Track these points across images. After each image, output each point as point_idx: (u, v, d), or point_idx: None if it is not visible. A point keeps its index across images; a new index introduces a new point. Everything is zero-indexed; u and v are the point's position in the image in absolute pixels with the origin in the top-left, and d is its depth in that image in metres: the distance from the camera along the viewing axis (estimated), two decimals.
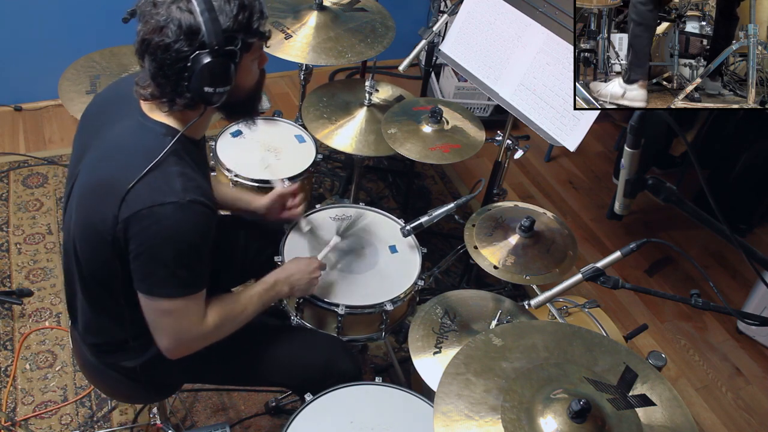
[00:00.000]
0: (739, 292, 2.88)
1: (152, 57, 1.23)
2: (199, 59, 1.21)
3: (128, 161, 1.28)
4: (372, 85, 2.32)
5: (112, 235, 1.26)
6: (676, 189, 1.16)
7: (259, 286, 1.55)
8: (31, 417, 2.10)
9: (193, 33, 1.20)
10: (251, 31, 1.27)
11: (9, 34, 3.01)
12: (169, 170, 1.27)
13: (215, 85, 1.25)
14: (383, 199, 3.10)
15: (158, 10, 1.21)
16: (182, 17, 1.19)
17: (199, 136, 1.44)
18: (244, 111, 1.45)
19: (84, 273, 1.40)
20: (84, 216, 1.33)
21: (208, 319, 1.39)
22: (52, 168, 2.98)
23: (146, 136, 1.32)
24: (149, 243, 1.25)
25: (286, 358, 1.64)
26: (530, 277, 1.78)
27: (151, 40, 1.22)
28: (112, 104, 1.42)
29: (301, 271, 1.63)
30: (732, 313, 1.27)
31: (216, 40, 1.20)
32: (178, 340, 1.37)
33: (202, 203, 1.28)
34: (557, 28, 1.88)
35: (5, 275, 2.51)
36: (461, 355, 1.24)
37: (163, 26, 1.20)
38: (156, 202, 1.23)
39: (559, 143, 1.87)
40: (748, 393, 2.53)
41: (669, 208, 1.24)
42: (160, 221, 1.23)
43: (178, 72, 1.23)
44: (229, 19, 1.22)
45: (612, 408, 1.16)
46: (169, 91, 1.27)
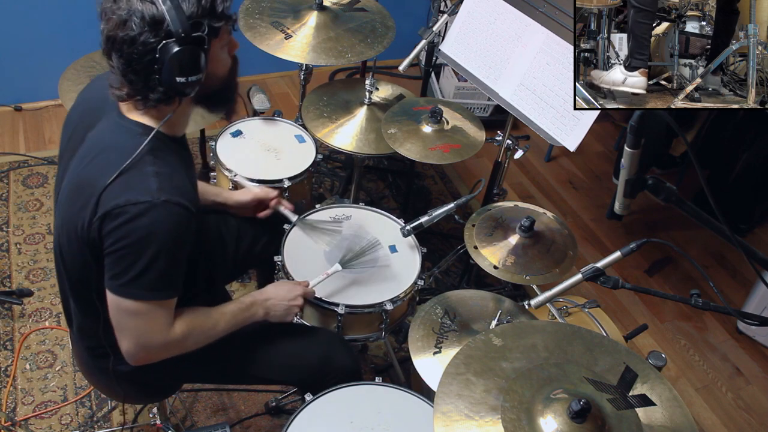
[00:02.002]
0: (739, 292, 2.88)
1: (119, 53, 1.22)
2: (167, 49, 1.19)
3: (105, 162, 1.26)
4: (372, 84, 2.32)
5: (88, 235, 1.25)
6: (676, 189, 1.16)
7: (234, 305, 1.51)
8: (31, 417, 2.10)
9: (157, 23, 1.18)
10: (216, 14, 1.25)
11: (9, 34, 3.01)
12: (144, 170, 1.25)
13: (186, 74, 1.22)
14: (383, 199, 3.10)
15: (119, 4, 1.19)
16: (144, 8, 1.18)
17: (180, 132, 1.41)
18: (221, 101, 1.42)
19: (71, 276, 1.39)
20: (66, 218, 1.32)
21: (175, 328, 1.35)
22: (52, 168, 2.98)
23: (123, 135, 1.30)
24: (121, 242, 1.23)
25: (284, 354, 1.64)
26: (530, 277, 1.78)
27: (115, 36, 1.20)
28: (93, 106, 1.41)
29: (280, 297, 1.59)
30: (732, 313, 1.27)
31: (182, 28, 1.18)
32: (140, 345, 1.33)
33: (178, 204, 1.25)
34: (557, 28, 1.88)
35: (5, 275, 2.51)
36: (461, 355, 1.24)
37: (126, 20, 1.18)
38: (129, 201, 1.21)
39: (559, 143, 1.87)
40: (748, 393, 2.53)
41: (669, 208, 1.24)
42: (132, 220, 1.21)
43: (147, 65, 1.21)
44: (192, 5, 1.20)
45: (612, 408, 1.16)
46: (141, 87, 1.25)
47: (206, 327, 1.43)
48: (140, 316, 1.30)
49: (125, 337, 1.33)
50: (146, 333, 1.33)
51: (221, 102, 1.42)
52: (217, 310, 1.47)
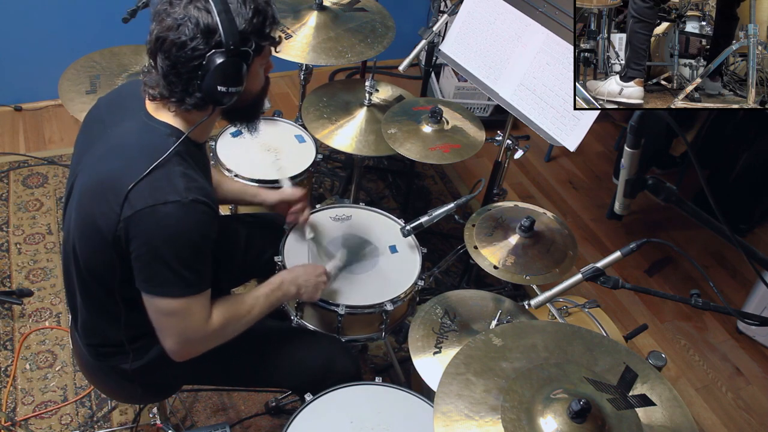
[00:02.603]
0: (739, 292, 2.88)
1: (166, 54, 1.24)
2: (214, 58, 1.23)
3: (131, 160, 1.28)
4: (372, 85, 2.32)
5: (113, 234, 1.26)
6: (676, 189, 1.16)
7: (266, 287, 1.54)
8: (31, 417, 2.10)
9: (210, 32, 1.21)
10: (264, 35, 1.29)
11: (9, 34, 3.01)
12: (172, 170, 1.27)
13: (228, 84, 1.26)
14: (383, 199, 3.10)
15: (175, 8, 1.22)
16: (200, 16, 1.21)
17: (203, 139, 1.44)
18: (248, 116, 1.46)
19: (83, 273, 1.39)
20: (84, 215, 1.33)
21: (213, 320, 1.38)
22: (52, 168, 2.98)
23: (150, 135, 1.32)
24: (151, 242, 1.25)
25: (286, 358, 1.64)
26: (530, 277, 1.78)
27: (166, 38, 1.22)
28: (116, 106, 1.42)
29: (309, 273, 1.63)
30: (732, 313, 1.27)
31: (232, 40, 1.22)
32: (183, 341, 1.37)
33: (205, 203, 1.28)
34: (557, 28, 1.88)
35: (5, 275, 2.51)
36: (461, 355, 1.24)
37: (180, 24, 1.21)
38: (158, 201, 1.23)
39: (559, 143, 1.87)
40: (748, 393, 2.53)
41: (669, 208, 1.24)
42: (162, 220, 1.23)
43: (191, 70, 1.24)
44: (244, 21, 1.24)
45: (612, 408, 1.16)
46: (180, 90, 1.28)
47: (242, 313, 1.46)
48: (180, 314, 1.33)
49: (167, 335, 1.35)
50: (187, 329, 1.35)
51: (246, 117, 1.46)
52: (250, 295, 1.50)
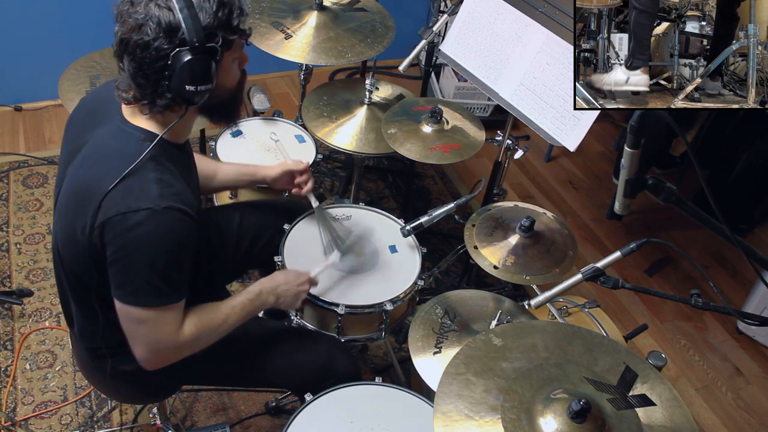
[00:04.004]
0: (739, 292, 2.88)
1: (131, 56, 1.22)
2: (180, 56, 1.20)
3: (106, 167, 1.26)
4: (372, 84, 2.32)
5: (89, 241, 1.25)
6: (676, 189, 1.16)
7: (243, 296, 1.51)
8: (31, 417, 2.10)
9: (173, 30, 1.19)
10: (231, 28, 1.25)
11: (9, 34, 3.01)
12: (146, 176, 1.25)
13: (196, 83, 1.23)
14: (383, 199, 3.10)
15: (136, 8, 1.19)
16: (161, 14, 1.18)
17: (182, 140, 1.41)
18: (225, 113, 1.42)
19: (70, 278, 1.39)
20: (65, 222, 1.32)
21: (185, 330, 1.35)
22: (52, 168, 2.98)
23: (125, 141, 1.30)
24: (124, 250, 1.23)
25: (286, 359, 1.64)
26: (530, 277, 1.78)
27: (129, 39, 1.20)
28: (96, 109, 1.40)
29: (289, 282, 1.59)
30: (732, 313, 1.27)
31: (196, 37, 1.19)
32: (153, 350, 1.34)
33: (180, 210, 1.25)
34: (557, 28, 1.88)
35: (5, 275, 2.51)
36: (461, 355, 1.24)
37: (142, 24, 1.19)
38: (130, 208, 1.21)
39: (559, 143, 1.87)
40: (748, 393, 2.53)
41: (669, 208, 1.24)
42: (135, 228, 1.21)
43: (158, 71, 1.22)
44: (208, 16, 1.21)
45: (612, 408, 1.16)
46: (150, 91, 1.25)
47: (216, 323, 1.43)
48: (149, 323, 1.30)
49: (137, 344, 1.34)
50: (157, 338, 1.33)
51: (225, 113, 1.43)
52: (226, 305, 1.47)
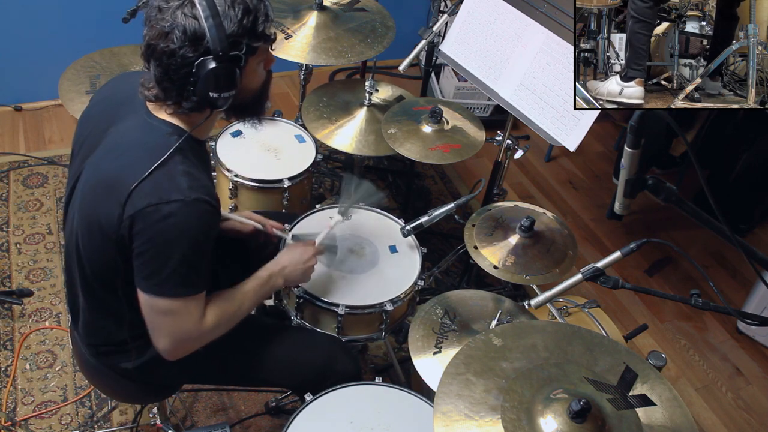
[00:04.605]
0: (739, 292, 2.88)
1: (158, 62, 1.24)
2: (204, 65, 1.22)
3: (134, 159, 1.28)
4: (372, 85, 2.32)
5: (117, 233, 1.26)
6: (676, 189, 1.16)
7: (254, 282, 1.53)
8: (31, 417, 2.10)
9: (198, 39, 1.21)
10: (256, 34, 1.28)
11: (9, 34, 3.01)
12: (175, 169, 1.27)
13: (220, 90, 1.26)
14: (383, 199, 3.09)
15: (163, 15, 1.21)
16: (187, 23, 1.20)
17: (205, 136, 1.44)
18: (250, 112, 1.45)
19: (86, 272, 1.39)
20: (88, 214, 1.33)
21: (206, 319, 1.38)
22: (52, 168, 2.98)
23: (152, 134, 1.32)
24: (154, 241, 1.25)
25: (286, 358, 1.64)
26: (530, 277, 1.78)
27: (156, 46, 1.23)
28: (115, 103, 1.42)
29: (294, 261, 1.61)
30: (732, 313, 1.27)
31: (220, 46, 1.21)
32: (177, 341, 1.37)
33: (207, 202, 1.28)
34: (557, 28, 1.88)
35: (5, 275, 2.51)
36: (461, 355, 1.24)
37: (168, 32, 1.21)
38: (162, 200, 1.23)
39: (559, 143, 1.87)
40: (748, 393, 2.53)
41: (669, 208, 1.23)
42: (166, 219, 1.23)
43: (183, 77, 1.24)
44: (233, 24, 1.23)
45: (612, 408, 1.16)
46: (175, 95, 1.28)
47: (233, 310, 1.46)
48: (175, 313, 1.32)
49: (161, 335, 1.35)
50: (182, 328, 1.35)
51: (250, 112, 1.46)
52: (238, 291, 1.49)
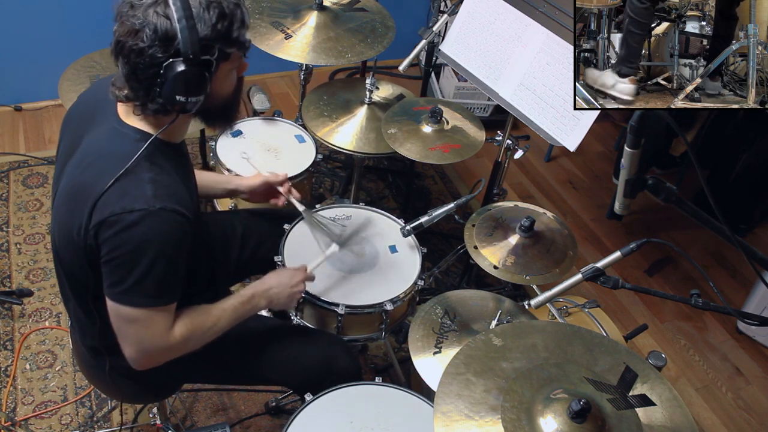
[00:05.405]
0: (739, 292, 2.88)
1: (126, 59, 1.21)
2: (173, 67, 1.18)
3: (102, 168, 1.25)
4: (373, 83, 2.32)
5: (85, 242, 1.25)
6: (676, 189, 1.16)
7: (235, 299, 1.49)
8: (31, 417, 2.10)
9: (169, 39, 1.17)
10: (230, 40, 1.24)
11: (9, 34, 3.01)
12: (141, 176, 1.24)
13: (188, 93, 1.22)
14: (383, 199, 3.10)
15: (135, 12, 1.18)
16: (158, 22, 1.16)
17: (178, 139, 1.40)
18: (220, 118, 1.41)
19: (70, 278, 1.39)
20: (62, 223, 1.31)
21: (175, 332, 1.35)
22: (52, 168, 2.96)
23: (120, 141, 1.29)
24: (118, 250, 1.22)
25: (286, 356, 1.64)
26: (530, 277, 1.78)
27: (125, 43, 1.19)
28: (92, 108, 1.40)
29: (282, 284, 1.58)
30: (732, 313, 1.27)
31: (191, 49, 1.17)
32: (142, 351, 1.33)
33: (175, 211, 1.24)
34: (557, 28, 1.88)
35: (5, 275, 2.51)
36: (461, 355, 1.24)
37: (139, 30, 1.17)
38: (125, 209, 1.20)
39: (559, 143, 1.87)
40: (748, 393, 2.53)
41: (669, 208, 1.24)
42: (129, 228, 1.20)
43: (150, 77, 1.21)
44: (207, 28, 1.19)
45: (612, 408, 1.16)
46: (142, 95, 1.24)
47: (206, 326, 1.42)
48: (139, 323, 1.30)
49: (127, 343, 1.33)
50: (147, 339, 1.32)
51: (219, 119, 1.41)
52: (217, 307, 1.46)
